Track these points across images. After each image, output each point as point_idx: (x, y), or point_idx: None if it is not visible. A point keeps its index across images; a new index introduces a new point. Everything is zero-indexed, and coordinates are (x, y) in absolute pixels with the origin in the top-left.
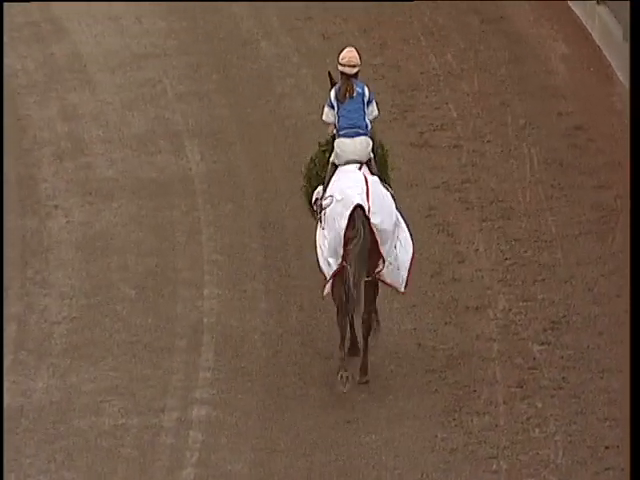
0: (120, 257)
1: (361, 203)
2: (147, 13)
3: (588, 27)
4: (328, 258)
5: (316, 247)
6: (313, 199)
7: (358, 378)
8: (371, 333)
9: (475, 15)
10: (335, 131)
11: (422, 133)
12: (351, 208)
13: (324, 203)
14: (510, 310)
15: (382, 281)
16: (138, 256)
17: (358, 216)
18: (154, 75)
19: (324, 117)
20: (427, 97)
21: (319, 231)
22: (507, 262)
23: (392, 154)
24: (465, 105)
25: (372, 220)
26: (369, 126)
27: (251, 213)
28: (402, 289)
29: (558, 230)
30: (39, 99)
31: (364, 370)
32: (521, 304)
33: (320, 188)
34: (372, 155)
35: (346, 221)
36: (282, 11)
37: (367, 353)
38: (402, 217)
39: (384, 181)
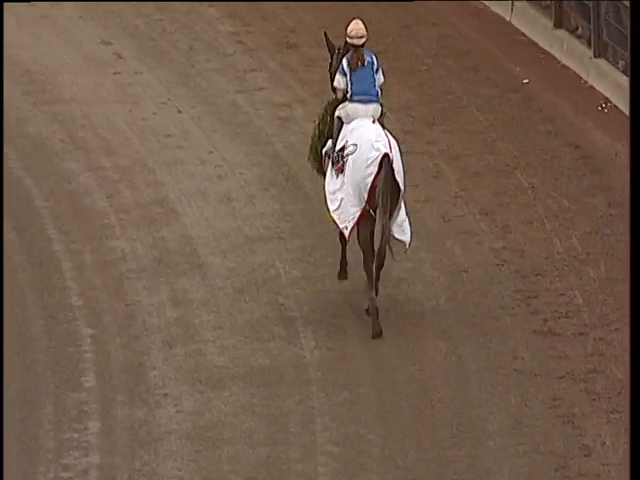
0: (231, 448)
1: (388, 153)
2: (260, 195)
3: None
4: (350, 207)
5: (327, 196)
6: (324, 152)
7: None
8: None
9: (602, 196)
10: (348, 96)
11: (546, 320)
12: (380, 156)
13: (347, 151)
14: None
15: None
16: (250, 446)
17: (386, 164)
18: (267, 259)
19: (335, 83)
20: (551, 283)
21: (333, 179)
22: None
23: (514, 341)
24: (591, 291)
25: (395, 170)
26: (379, 93)
27: (367, 402)
28: (408, 241)
29: None
30: (148, 284)
31: (376, 291)
32: None
33: (330, 142)
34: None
35: (377, 167)
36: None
37: (378, 281)
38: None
39: None
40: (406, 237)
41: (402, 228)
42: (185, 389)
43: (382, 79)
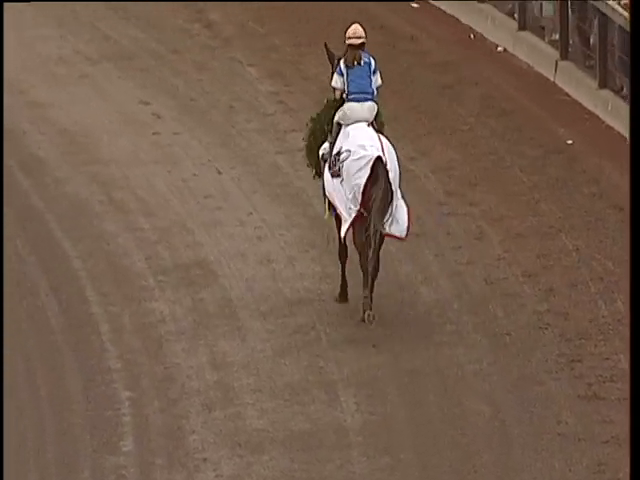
0: None
1: (381, 156)
2: (300, 256)
3: None
4: (350, 205)
5: (325, 195)
6: (320, 154)
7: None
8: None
9: None
10: (345, 95)
11: (590, 385)
12: (373, 160)
13: (342, 157)
14: None
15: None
16: None
17: (379, 167)
18: (307, 321)
19: (333, 82)
20: (596, 346)
21: (331, 181)
22: None
23: (558, 406)
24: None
25: (389, 173)
26: (375, 92)
27: (409, 467)
28: (404, 235)
29: None
30: (187, 347)
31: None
32: None
33: (326, 145)
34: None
35: (368, 172)
36: (440, 256)
37: (372, 289)
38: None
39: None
40: (400, 229)
41: (396, 219)
42: (224, 453)
43: (379, 81)
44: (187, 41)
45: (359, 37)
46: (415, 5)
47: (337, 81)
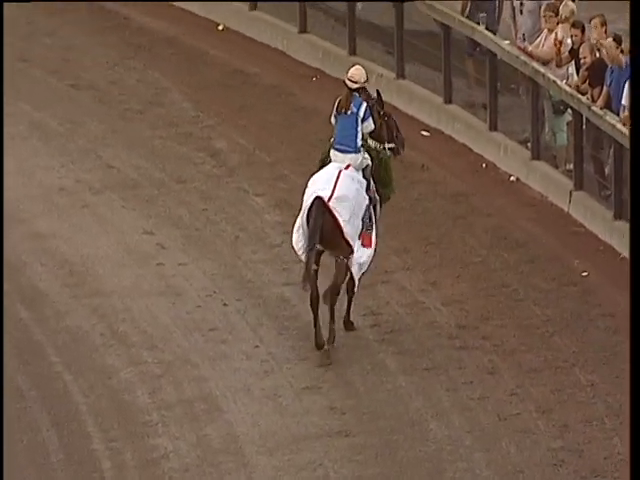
0: None
1: (321, 195)
2: (307, 391)
3: None
4: (301, 240)
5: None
6: None
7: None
8: (334, 304)
9: None
10: (332, 141)
11: None
12: (312, 199)
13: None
14: None
15: (349, 268)
16: None
17: (316, 206)
18: (315, 457)
19: (332, 119)
20: None
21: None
22: None
23: None
24: None
25: (332, 207)
26: (358, 144)
27: None
28: (356, 275)
29: None
30: None
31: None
32: None
33: None
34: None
35: (307, 211)
36: (452, 390)
37: (332, 321)
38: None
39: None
40: (354, 270)
41: (359, 265)
42: None
43: (371, 126)
44: (192, 170)
45: (354, 81)
46: (426, 134)
47: (333, 121)
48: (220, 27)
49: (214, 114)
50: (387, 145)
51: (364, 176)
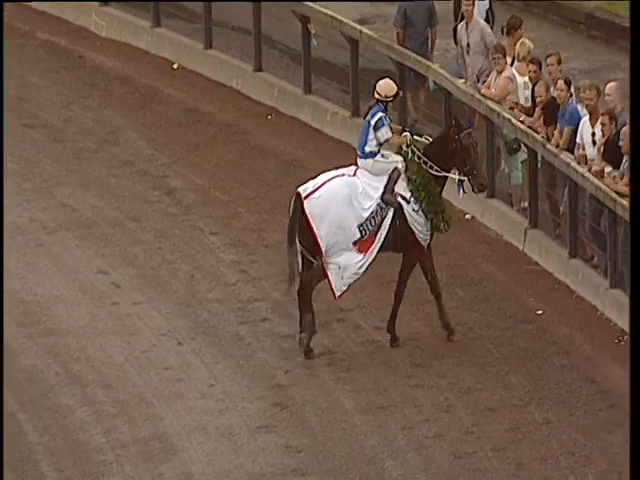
0: None
1: (300, 191)
2: (263, 429)
3: None
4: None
5: None
6: None
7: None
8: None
9: (619, 433)
10: None
11: None
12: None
13: None
14: None
15: (326, 276)
16: None
17: (294, 200)
18: None
19: None
20: None
21: None
22: None
23: None
24: None
25: (305, 204)
26: (367, 150)
27: None
28: (337, 294)
29: None
30: None
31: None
32: None
33: None
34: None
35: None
36: (407, 429)
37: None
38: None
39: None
40: (335, 283)
41: (339, 274)
42: None
43: (385, 136)
44: (147, 209)
45: (378, 93)
46: None
47: None
48: (175, 66)
49: (169, 153)
50: (454, 173)
51: (389, 179)
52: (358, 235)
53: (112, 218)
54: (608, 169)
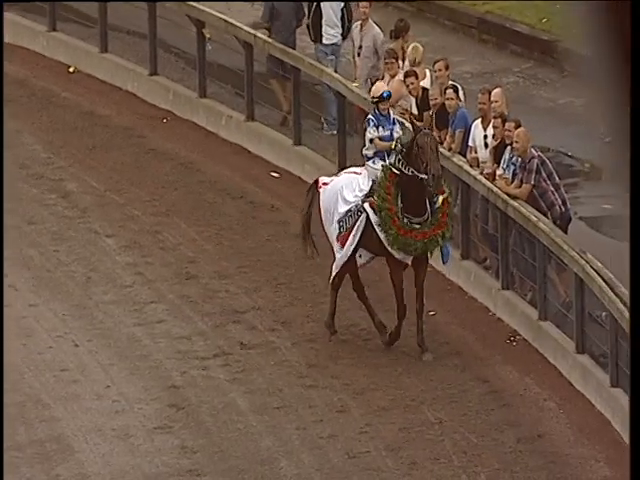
0: None
1: (319, 178)
2: (159, 430)
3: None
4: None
5: None
6: None
7: None
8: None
9: (511, 432)
10: None
11: None
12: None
13: None
14: None
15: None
16: None
17: (311, 186)
18: None
19: None
20: None
21: None
22: None
23: None
24: None
25: (320, 192)
26: (364, 152)
27: None
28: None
29: None
30: None
31: None
32: None
33: None
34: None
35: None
36: (302, 429)
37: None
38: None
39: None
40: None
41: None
42: None
43: (368, 136)
44: (43, 211)
45: (372, 96)
46: (275, 175)
47: None
48: (71, 69)
49: (65, 156)
50: (411, 169)
51: (373, 185)
52: (338, 230)
53: (7, 221)
54: (499, 172)
